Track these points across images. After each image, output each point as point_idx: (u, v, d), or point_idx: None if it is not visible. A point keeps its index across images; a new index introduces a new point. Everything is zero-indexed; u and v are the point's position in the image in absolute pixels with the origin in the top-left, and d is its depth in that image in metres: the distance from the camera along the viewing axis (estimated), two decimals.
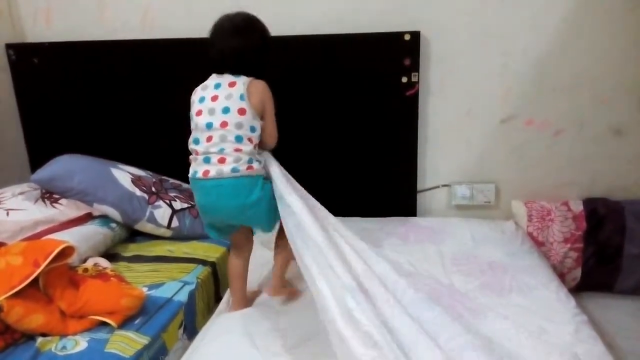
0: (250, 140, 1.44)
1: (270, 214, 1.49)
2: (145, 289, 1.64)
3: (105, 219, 1.98)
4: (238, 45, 1.49)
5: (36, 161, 2.24)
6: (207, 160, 1.43)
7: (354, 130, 2.17)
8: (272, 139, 1.54)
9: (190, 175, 1.48)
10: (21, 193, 1.96)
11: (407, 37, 2.02)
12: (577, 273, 2.12)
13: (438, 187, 2.24)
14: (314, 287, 1.27)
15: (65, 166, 2.01)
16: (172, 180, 2.20)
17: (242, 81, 1.48)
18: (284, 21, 2.13)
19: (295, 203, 1.41)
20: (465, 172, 2.19)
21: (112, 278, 1.65)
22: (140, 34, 2.20)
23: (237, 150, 1.43)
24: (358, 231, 2.01)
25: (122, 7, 2.21)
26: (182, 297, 1.65)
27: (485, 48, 2.05)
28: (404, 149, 2.16)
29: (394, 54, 2.06)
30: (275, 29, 2.10)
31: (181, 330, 1.59)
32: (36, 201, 1.93)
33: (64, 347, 1.38)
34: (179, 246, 1.98)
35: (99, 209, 1.96)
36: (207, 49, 1.53)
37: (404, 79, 2.07)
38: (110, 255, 1.91)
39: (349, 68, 2.11)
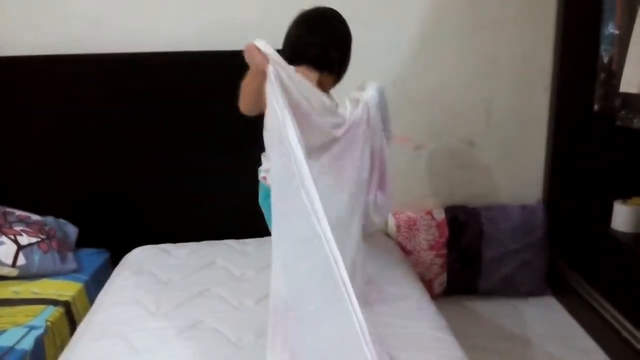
0: None
1: None
2: None
3: None
4: (290, 33, 1.49)
5: None
6: None
7: (232, 148, 2.10)
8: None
9: None
10: None
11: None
12: (444, 278, 2.25)
13: None
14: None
15: None
16: (18, 212, 1.97)
17: None
18: (144, 38, 2.03)
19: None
20: None
21: None
22: None
23: None
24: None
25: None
26: (27, 344, 1.48)
27: (349, 70, 2.10)
28: None
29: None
30: (135, 46, 2.01)
31: None
32: None
33: None
34: (27, 286, 1.78)
35: None
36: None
37: None
38: None
39: (216, 86, 2.04)
